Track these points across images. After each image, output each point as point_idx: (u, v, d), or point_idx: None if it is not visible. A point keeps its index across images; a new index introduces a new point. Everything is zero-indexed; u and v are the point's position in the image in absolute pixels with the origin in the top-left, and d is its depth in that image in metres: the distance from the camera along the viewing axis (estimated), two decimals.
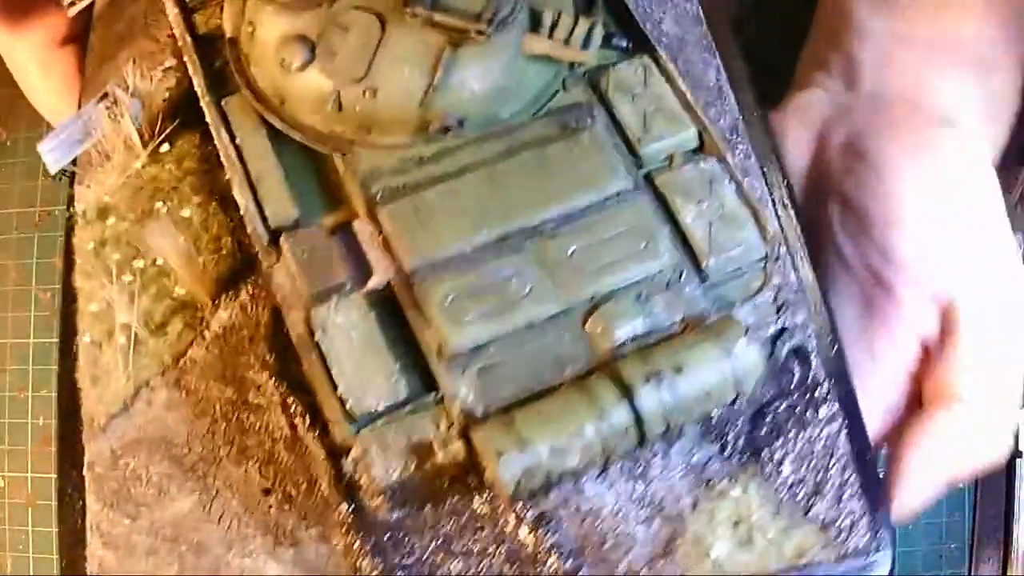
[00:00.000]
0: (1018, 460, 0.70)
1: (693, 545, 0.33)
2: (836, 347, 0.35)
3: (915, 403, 0.37)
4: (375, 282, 0.31)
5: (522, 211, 0.32)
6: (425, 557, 0.33)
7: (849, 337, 0.35)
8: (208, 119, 0.34)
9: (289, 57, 0.31)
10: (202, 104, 0.34)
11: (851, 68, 0.40)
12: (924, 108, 0.38)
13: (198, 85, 0.34)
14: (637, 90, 0.34)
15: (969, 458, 0.36)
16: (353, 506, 0.32)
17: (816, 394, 0.35)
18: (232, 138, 0.33)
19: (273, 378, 0.35)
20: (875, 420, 0.36)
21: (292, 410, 0.34)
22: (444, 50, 0.31)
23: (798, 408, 0.34)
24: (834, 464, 0.34)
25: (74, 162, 0.37)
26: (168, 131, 0.37)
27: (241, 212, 0.33)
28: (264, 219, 0.32)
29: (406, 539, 0.33)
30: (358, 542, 0.33)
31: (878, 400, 0.37)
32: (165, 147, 0.37)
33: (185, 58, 0.35)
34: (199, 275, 0.35)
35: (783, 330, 0.32)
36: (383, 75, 0.31)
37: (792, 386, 0.35)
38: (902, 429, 0.36)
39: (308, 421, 0.34)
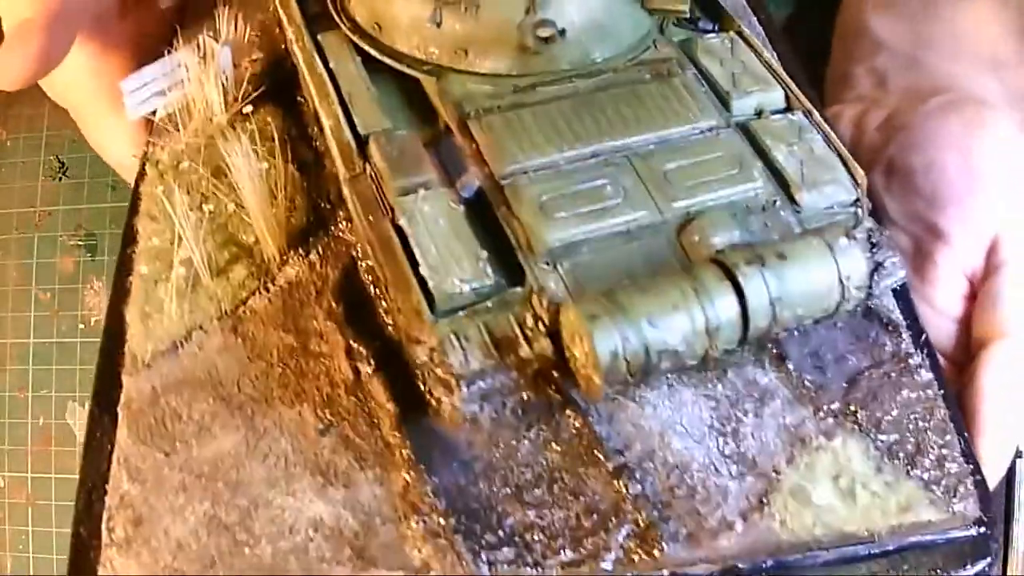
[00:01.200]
0: (1018, 460, 0.70)
1: (791, 496, 0.30)
2: (916, 314, 0.34)
3: (967, 348, 0.35)
4: (463, 185, 0.30)
5: (615, 134, 0.32)
6: (494, 504, 0.29)
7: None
8: (300, 58, 0.34)
9: None
10: (295, 48, 0.35)
11: (877, 77, 0.42)
12: (955, 91, 0.39)
13: (293, 25, 0.35)
14: (725, 56, 0.35)
15: None
16: (416, 433, 0.29)
17: (910, 362, 0.33)
18: (326, 65, 0.33)
19: (338, 326, 0.33)
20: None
21: (356, 355, 0.32)
22: None
23: (892, 374, 0.33)
24: (934, 427, 0.32)
25: (153, 112, 0.37)
26: (252, 96, 0.37)
27: (328, 131, 0.32)
28: (353, 129, 0.32)
29: (472, 483, 0.30)
30: (420, 483, 0.29)
31: (937, 344, 0.35)
32: (248, 108, 0.37)
33: (278, 5, 0.36)
34: (271, 217, 0.34)
35: (879, 265, 0.31)
36: None
37: (885, 357, 0.33)
38: (963, 377, 0.34)
39: (373, 366, 0.32)
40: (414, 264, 0.29)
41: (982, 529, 0.31)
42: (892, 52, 0.42)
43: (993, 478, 0.33)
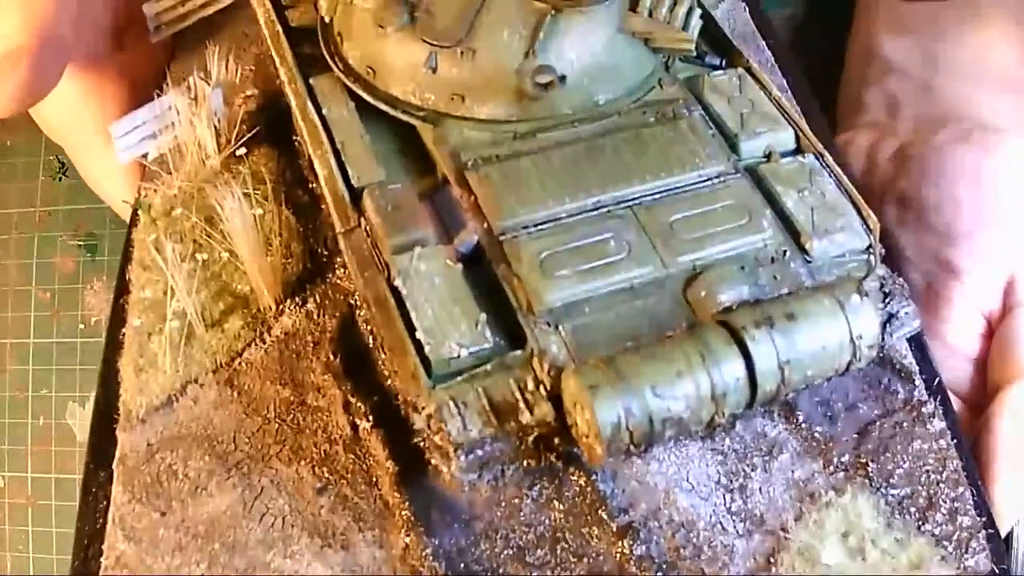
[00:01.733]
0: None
1: (799, 555, 0.29)
2: (930, 358, 0.33)
3: (983, 389, 0.34)
4: (461, 241, 0.29)
5: (619, 183, 0.31)
6: (496, 567, 0.29)
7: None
8: (293, 102, 0.34)
9: (388, 19, 0.31)
10: (287, 89, 0.34)
11: (889, 102, 0.41)
12: (968, 119, 0.38)
13: (285, 66, 0.34)
14: (733, 94, 0.34)
15: None
16: (416, 493, 0.29)
17: (924, 411, 0.32)
18: (318, 111, 0.32)
19: (336, 380, 0.32)
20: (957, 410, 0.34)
21: (355, 410, 0.32)
22: (546, 15, 0.31)
23: (905, 424, 0.32)
24: (946, 479, 0.31)
25: (144, 156, 0.36)
26: (246, 137, 0.36)
27: (322, 181, 0.32)
28: (347, 180, 0.31)
29: (473, 545, 0.29)
30: (420, 545, 0.29)
31: (954, 389, 0.35)
32: (242, 151, 0.36)
33: (271, 46, 0.35)
34: (265, 267, 0.33)
35: (891, 316, 0.30)
36: (482, 37, 0.31)
37: (897, 405, 0.32)
38: (978, 421, 0.33)
39: (372, 422, 0.31)
40: (410, 327, 0.28)
41: None
42: (904, 75, 0.41)
43: (1008, 520, 0.32)
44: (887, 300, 0.31)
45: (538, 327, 0.28)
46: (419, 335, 0.28)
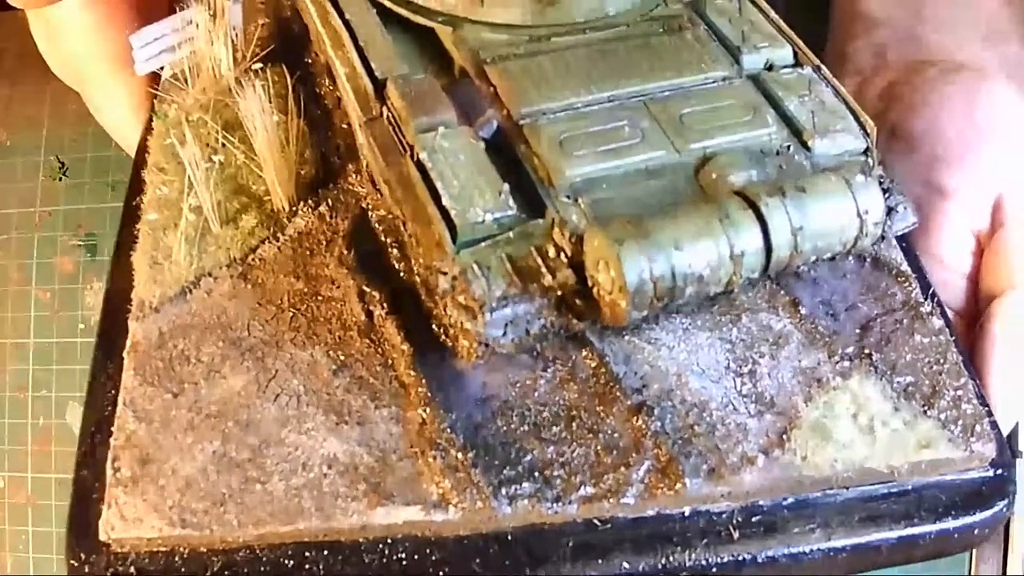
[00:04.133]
0: (1018, 460, 0.70)
1: (811, 431, 0.29)
2: (923, 268, 0.35)
3: (976, 303, 0.36)
4: (481, 126, 0.30)
5: (631, 80, 0.32)
6: (512, 441, 0.29)
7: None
8: (314, 12, 0.35)
9: None
10: (308, 2, 0.35)
11: (875, 51, 0.43)
12: (953, 62, 0.40)
13: None
14: (733, 15, 0.35)
15: None
16: (432, 373, 0.29)
17: (922, 310, 0.33)
18: (341, 16, 0.33)
19: (350, 272, 0.33)
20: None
21: (369, 299, 0.32)
22: None
23: (904, 321, 0.33)
24: (948, 371, 0.32)
25: (161, 69, 0.37)
26: (262, 55, 0.37)
27: (343, 80, 0.32)
28: (371, 72, 0.32)
29: (490, 421, 0.29)
30: (437, 420, 0.29)
31: (947, 304, 0.35)
32: (258, 65, 0.37)
33: None
34: (281, 168, 0.33)
35: (891, 209, 0.32)
36: None
37: (896, 305, 0.33)
38: (972, 332, 0.34)
39: (386, 309, 0.31)
40: (436, 197, 0.29)
41: (1000, 470, 0.31)
42: (888, 27, 0.43)
43: (1003, 429, 0.33)
44: (886, 195, 0.32)
45: (558, 199, 0.29)
46: (445, 202, 0.28)
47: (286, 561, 0.28)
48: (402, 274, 0.32)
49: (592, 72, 0.32)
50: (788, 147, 0.31)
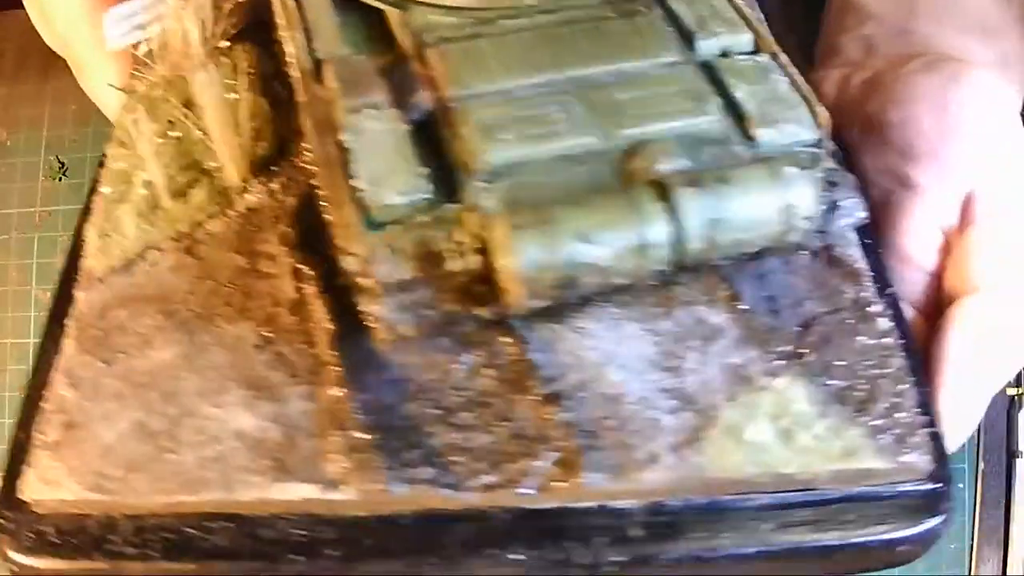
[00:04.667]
0: (1017, 460, 0.68)
1: (725, 432, 0.28)
2: (883, 268, 0.33)
3: (939, 301, 0.34)
4: (412, 107, 0.30)
5: (573, 66, 0.31)
6: (420, 425, 0.29)
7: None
8: None
9: None
10: None
11: (865, 44, 0.41)
12: (940, 54, 0.38)
13: None
14: None
15: (1001, 350, 0.33)
16: (351, 352, 0.29)
17: (870, 309, 0.31)
18: None
19: (289, 249, 0.33)
20: (912, 324, 0.33)
21: (303, 276, 0.32)
22: None
23: (849, 321, 0.31)
24: (888, 375, 0.30)
25: (135, 46, 0.38)
26: (232, 34, 0.38)
27: (292, 60, 0.33)
28: (312, 51, 0.32)
29: (401, 403, 0.29)
30: (347, 400, 0.29)
31: (909, 299, 0.34)
32: (226, 44, 0.38)
33: None
34: (234, 144, 0.34)
35: (835, 204, 0.30)
36: None
37: (844, 304, 0.32)
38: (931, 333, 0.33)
39: (318, 287, 0.32)
40: (352, 177, 0.29)
41: (935, 485, 0.29)
42: (880, 21, 0.41)
43: (954, 437, 0.31)
44: (834, 188, 0.30)
45: (475, 183, 0.29)
46: (359, 183, 0.28)
47: (190, 530, 0.28)
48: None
49: (533, 56, 0.31)
50: (728, 136, 0.30)
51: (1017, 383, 0.70)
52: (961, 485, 0.66)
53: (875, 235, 0.35)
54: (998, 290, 0.33)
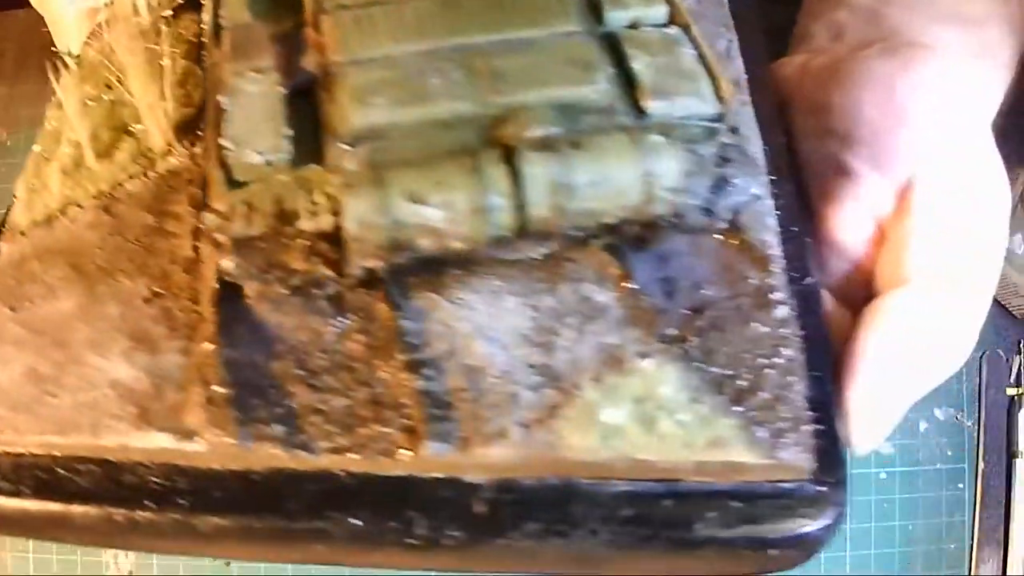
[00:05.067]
0: (1017, 460, 0.66)
1: (581, 412, 0.27)
2: (803, 256, 0.31)
3: (869, 295, 0.31)
4: (297, 71, 0.30)
5: (466, 34, 0.30)
6: (282, 384, 0.29)
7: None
8: None
9: None
10: None
11: (834, 30, 0.38)
12: (905, 40, 0.35)
13: None
14: None
15: (927, 350, 0.30)
16: (230, 310, 0.29)
17: (770, 296, 0.29)
18: None
19: (195, 209, 0.33)
20: (837, 318, 0.31)
21: (201, 236, 0.33)
22: None
23: (744, 307, 0.29)
24: (777, 366, 0.28)
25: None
26: (177, 4, 0.39)
27: (203, 24, 0.33)
28: (217, 18, 0.32)
29: (267, 361, 0.29)
30: (216, 355, 0.29)
31: (839, 295, 0.32)
32: (169, 13, 0.39)
33: None
34: (158, 108, 0.35)
35: (723, 180, 0.28)
36: None
37: (745, 290, 0.30)
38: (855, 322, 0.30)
39: (214, 247, 0.32)
40: (221, 137, 0.29)
41: (818, 487, 0.27)
42: (852, 7, 0.38)
43: (866, 439, 0.29)
44: (725, 165, 0.28)
45: (338, 146, 0.28)
46: (223, 142, 0.28)
47: (60, 471, 0.29)
48: None
49: (427, 25, 0.31)
50: (615, 107, 0.29)
51: (1017, 383, 0.66)
52: (961, 485, 0.63)
53: (805, 222, 0.33)
54: (928, 285, 0.31)
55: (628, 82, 0.30)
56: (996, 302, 0.70)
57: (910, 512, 0.63)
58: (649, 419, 0.27)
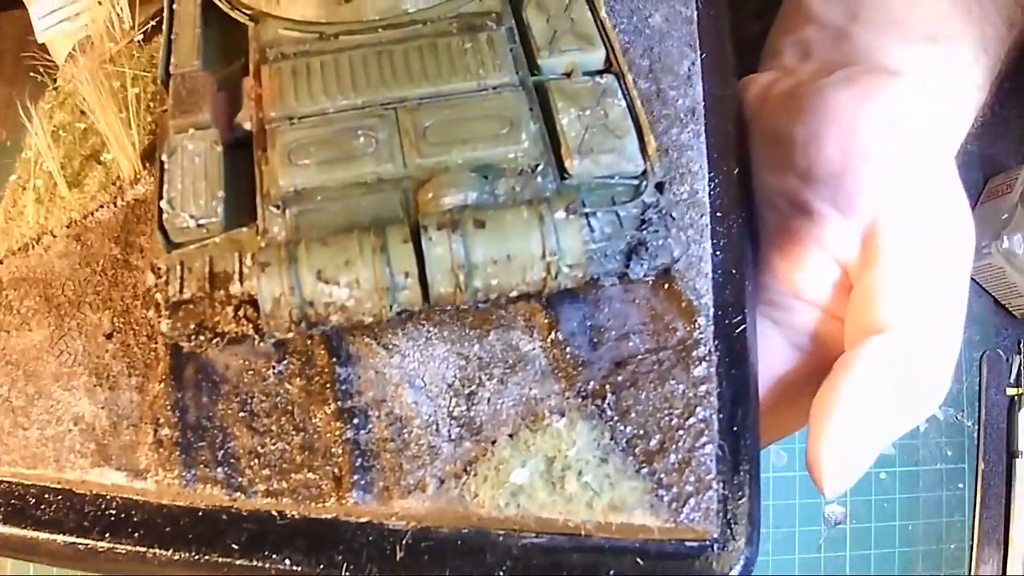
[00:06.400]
0: (1017, 460, 0.67)
1: (493, 469, 0.29)
2: (739, 301, 0.31)
3: (829, 342, 0.31)
4: (235, 127, 0.31)
5: (396, 86, 0.31)
6: (225, 427, 0.31)
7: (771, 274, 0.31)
8: None
9: None
10: None
11: (802, 48, 0.37)
12: (870, 66, 0.34)
13: None
14: (554, 12, 0.33)
15: (905, 395, 0.30)
16: (182, 351, 0.31)
17: (694, 353, 0.30)
18: (170, 4, 0.35)
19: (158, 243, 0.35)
20: (799, 364, 0.31)
21: (158, 271, 0.34)
22: None
23: (665, 363, 0.30)
24: (689, 428, 0.29)
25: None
26: (148, 28, 0.40)
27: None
28: (167, 64, 0.33)
29: (213, 403, 0.31)
30: (167, 395, 0.31)
31: (801, 340, 0.32)
32: (140, 37, 0.40)
33: None
34: (123, 138, 0.36)
35: (641, 244, 0.29)
36: None
37: (670, 343, 0.31)
38: (821, 375, 0.30)
39: (153, 308, 0.34)
40: (161, 198, 0.30)
41: (721, 550, 0.28)
42: (821, 25, 0.37)
43: (836, 483, 0.29)
44: (643, 227, 0.29)
45: (268, 209, 0.29)
46: (162, 204, 0.30)
47: (29, 499, 0.32)
48: None
49: (359, 77, 0.31)
50: (537, 166, 0.29)
51: (1017, 383, 0.66)
52: (961, 485, 0.63)
53: (753, 265, 0.33)
54: (905, 331, 0.30)
55: (554, 137, 0.30)
56: (996, 302, 0.69)
57: (910, 512, 0.64)
58: (557, 479, 0.28)
